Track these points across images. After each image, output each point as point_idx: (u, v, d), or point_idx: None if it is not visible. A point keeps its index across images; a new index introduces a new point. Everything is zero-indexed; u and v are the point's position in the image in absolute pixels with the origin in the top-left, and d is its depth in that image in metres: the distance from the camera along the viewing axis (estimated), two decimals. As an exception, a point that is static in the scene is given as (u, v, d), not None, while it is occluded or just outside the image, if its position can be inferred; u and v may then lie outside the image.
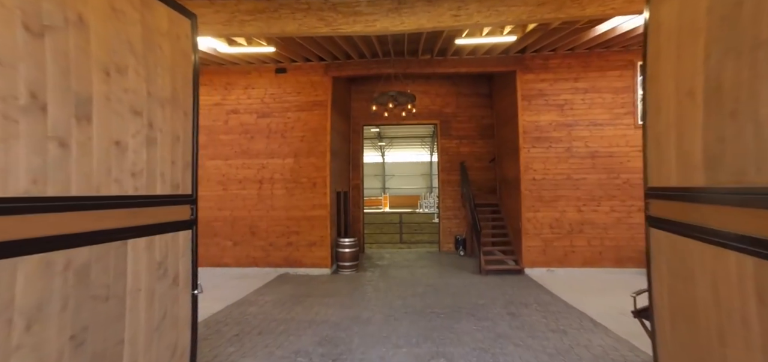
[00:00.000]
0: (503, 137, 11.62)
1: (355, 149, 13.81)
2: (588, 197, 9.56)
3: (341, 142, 12.13)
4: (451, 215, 13.53)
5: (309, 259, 10.19)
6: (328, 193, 10.18)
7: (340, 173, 11.76)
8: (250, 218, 10.20)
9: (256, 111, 10.30)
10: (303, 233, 10.20)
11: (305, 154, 10.26)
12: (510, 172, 10.85)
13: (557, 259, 9.65)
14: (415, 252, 13.73)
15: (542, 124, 9.80)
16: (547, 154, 9.79)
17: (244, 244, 10.17)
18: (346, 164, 13.22)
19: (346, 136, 12.97)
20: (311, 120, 10.28)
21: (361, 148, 13.86)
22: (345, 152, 12.80)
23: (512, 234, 10.66)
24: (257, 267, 10.15)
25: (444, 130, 13.63)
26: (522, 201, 9.80)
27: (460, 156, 13.51)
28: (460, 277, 9.64)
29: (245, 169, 10.26)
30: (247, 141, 10.28)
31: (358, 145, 13.81)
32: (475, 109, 13.52)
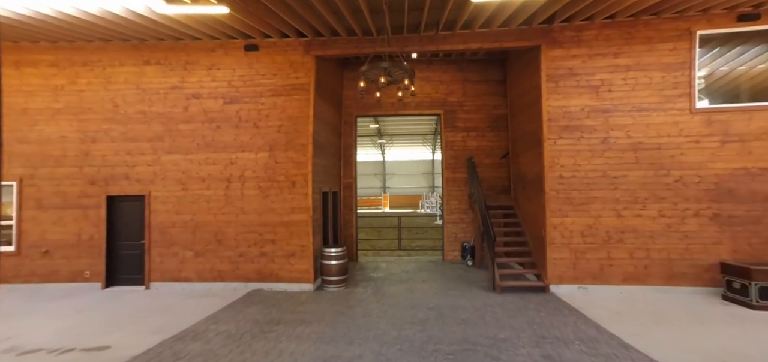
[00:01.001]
0: (520, 128, 9.66)
1: (347, 143, 11.88)
2: (629, 199, 7.61)
3: (330, 135, 10.21)
4: (456, 218, 11.59)
5: (287, 273, 8.27)
6: (310, 194, 8.26)
7: (327, 170, 9.85)
8: (216, 223, 8.29)
9: (223, 96, 8.37)
10: (280, 241, 8.29)
11: (283, 147, 8.34)
12: (529, 169, 8.91)
13: (591, 275, 7.70)
14: (415, 261, 11.80)
15: (572, 110, 7.84)
16: (577, 147, 7.84)
17: (208, 255, 8.25)
18: (337, 160, 11.29)
19: (336, 128, 11.04)
20: (290, 107, 8.35)
21: (353, 142, 11.92)
22: (335, 146, 10.88)
23: (532, 243, 8.72)
24: (224, 282, 8.24)
25: (448, 122, 11.68)
26: (546, 204, 7.86)
27: (468, 151, 11.57)
28: (470, 296, 7.71)
29: (210, 164, 8.34)
30: (212, 131, 8.36)
31: (350, 139, 11.88)
32: (485, 97, 11.57)
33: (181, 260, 8.21)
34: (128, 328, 6.11)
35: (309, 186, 8.27)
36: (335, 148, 10.97)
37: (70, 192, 8.27)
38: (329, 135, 10.13)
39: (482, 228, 9.35)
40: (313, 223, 8.31)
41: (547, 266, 7.84)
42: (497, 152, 11.48)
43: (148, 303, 7.41)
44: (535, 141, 8.43)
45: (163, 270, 8.16)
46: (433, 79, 11.75)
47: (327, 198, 9.91)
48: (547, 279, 7.83)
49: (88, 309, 7.04)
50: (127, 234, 8.29)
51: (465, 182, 11.56)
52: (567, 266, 7.79)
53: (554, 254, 7.82)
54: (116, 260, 8.29)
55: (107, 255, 8.19)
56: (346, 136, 11.85)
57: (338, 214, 11.29)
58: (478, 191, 9.76)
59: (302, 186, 8.30)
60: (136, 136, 8.34)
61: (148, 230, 8.19)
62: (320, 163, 9.11)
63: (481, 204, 9.30)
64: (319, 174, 8.97)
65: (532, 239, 8.75)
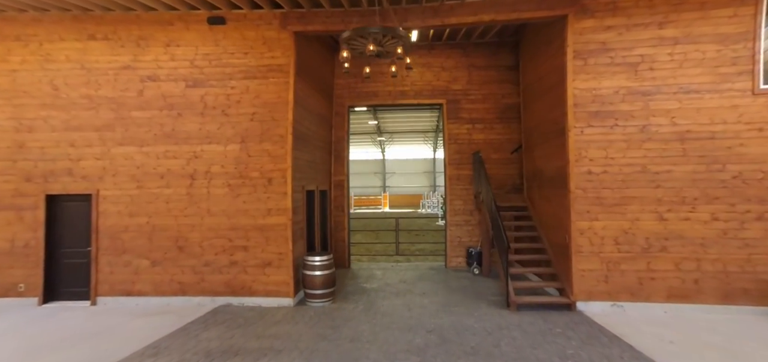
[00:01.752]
0: (537, 117, 8.20)
1: (338, 136, 10.46)
2: (675, 198, 6.17)
3: (317, 126, 8.79)
4: (461, 220, 10.16)
5: (261, 285, 6.86)
6: (290, 192, 6.84)
7: (313, 166, 8.43)
8: (177, 227, 6.87)
9: (184, 77, 6.94)
10: (253, 249, 6.87)
11: (257, 138, 6.92)
12: (548, 164, 7.48)
13: (627, 290, 6.27)
14: (414, 268, 10.37)
15: (604, 92, 6.41)
16: (610, 136, 6.40)
17: (167, 264, 6.83)
18: (326, 155, 9.87)
19: (325, 119, 9.63)
20: (265, 91, 6.93)
21: (346, 135, 10.50)
22: (323, 139, 9.46)
23: (552, 251, 7.29)
24: (186, 296, 6.82)
25: (452, 112, 10.25)
26: (571, 205, 6.43)
27: (473, 144, 10.14)
28: (479, 314, 6.29)
29: (170, 158, 6.92)
30: (173, 120, 6.94)
31: (342, 132, 10.46)
32: (493, 85, 10.14)
33: (134, 270, 6.79)
34: (43, 360, 4.72)
35: (288, 183, 6.86)
36: (324, 142, 9.55)
37: (1, 190, 6.86)
38: (316, 126, 8.71)
39: (491, 233, 7.92)
40: (293, 227, 6.90)
41: (572, 279, 6.41)
42: (507, 146, 10.04)
43: (87, 323, 5.99)
44: (556, 131, 7.00)
45: (113, 283, 6.75)
46: (435, 65, 10.33)
47: (312, 198, 8.49)
48: (572, 294, 6.41)
49: (10, 333, 5.64)
50: (71, 241, 6.87)
51: (470, 180, 10.13)
52: (597, 279, 6.36)
53: (581, 264, 6.39)
54: (57, 271, 6.86)
55: (46, 265, 6.75)
56: (337, 128, 10.43)
57: (328, 216, 9.87)
58: (487, 190, 8.33)
59: (280, 183, 6.88)
60: (81, 124, 6.91)
61: (95, 235, 6.77)
62: (304, 158, 7.70)
63: (491, 205, 7.87)
64: (302, 169, 7.56)
65: (552, 246, 7.31)
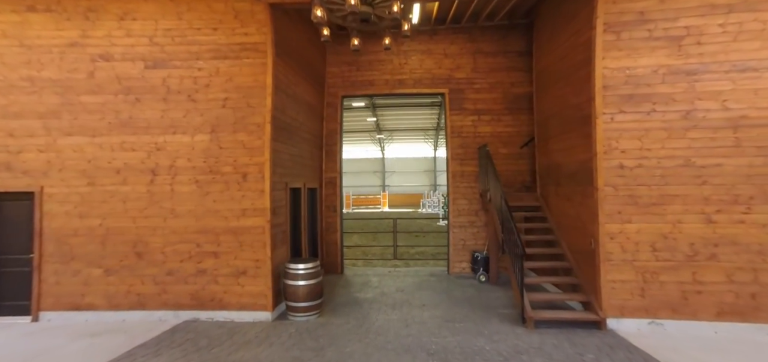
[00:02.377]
0: (555, 104, 7.11)
1: (331, 129, 9.40)
2: (726, 197, 5.10)
3: (304, 117, 7.73)
4: (465, 222, 9.10)
5: (234, 297, 5.80)
6: (268, 190, 5.78)
7: (299, 161, 7.37)
8: (136, 230, 5.81)
9: (143, 57, 5.86)
10: (225, 255, 5.81)
11: (229, 127, 5.86)
12: (568, 157, 6.40)
13: (668, 305, 5.20)
14: (414, 274, 9.30)
15: (641, 72, 5.32)
16: (646, 124, 5.33)
17: (123, 273, 5.77)
18: (316, 150, 8.81)
19: (314, 110, 8.57)
20: (238, 74, 5.86)
21: (339, 127, 9.44)
22: (312, 132, 8.41)
23: (574, 257, 6.22)
24: (146, 310, 5.76)
25: (455, 102, 9.19)
26: (599, 205, 5.37)
27: (479, 138, 9.07)
28: (489, 332, 5.23)
29: (127, 150, 5.86)
30: (130, 106, 5.86)
31: (335, 124, 9.40)
32: (502, 72, 9.07)
33: (84, 281, 5.73)
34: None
35: (266, 179, 5.80)
36: (314, 135, 8.49)
37: (-72, 187, 5.83)
38: (304, 117, 7.65)
39: (501, 236, 6.85)
40: (272, 230, 5.84)
41: (600, 291, 5.34)
42: (516, 139, 8.97)
43: (18, 345, 4.93)
44: (579, 119, 5.93)
45: (60, 295, 5.70)
46: (437, 52, 9.27)
47: (298, 197, 7.43)
48: (601, 309, 5.34)
49: None
50: (9, 246, 5.81)
51: (475, 177, 9.07)
52: (631, 292, 5.29)
53: (612, 275, 5.32)
54: (-6, 282, 5.84)
55: (-20, 275, 5.74)
56: (329, 120, 9.37)
57: (317, 217, 8.81)
58: (496, 187, 7.26)
59: (257, 179, 5.82)
60: (22, 111, 5.83)
61: (38, 240, 5.72)
62: (287, 151, 6.64)
63: (501, 205, 6.81)
64: (284, 164, 6.50)
65: (573, 252, 6.25)
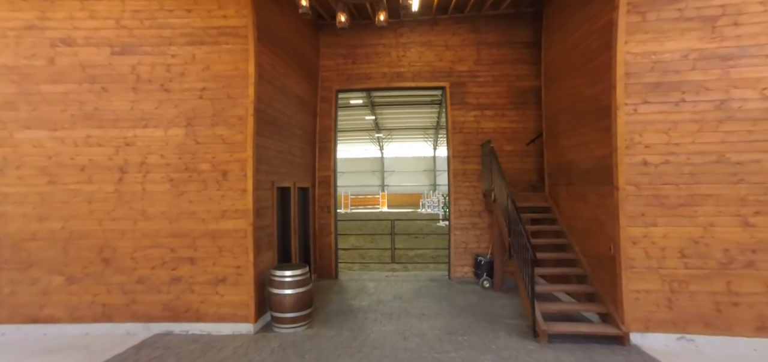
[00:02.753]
0: (567, 97, 6.48)
1: (324, 125, 8.79)
2: (766, 198, 4.51)
3: (296, 112, 7.12)
4: (467, 223, 8.49)
5: (212, 307, 5.17)
6: (251, 190, 5.17)
7: (289, 159, 6.75)
8: (103, 234, 5.18)
9: (109, 42, 5.21)
10: (202, 261, 5.19)
11: (207, 120, 5.23)
12: (583, 154, 5.79)
13: (700, 318, 4.59)
14: (413, 278, 8.69)
15: (669, 57, 4.71)
16: (674, 115, 4.72)
17: (88, 282, 5.14)
18: (309, 147, 8.20)
19: (307, 105, 7.96)
20: (217, 61, 5.23)
21: (333, 123, 8.83)
22: (305, 129, 7.79)
23: (588, 263, 5.61)
24: (112, 322, 5.13)
25: (457, 97, 8.59)
26: (619, 206, 4.76)
27: (482, 134, 8.47)
28: (498, 348, 4.61)
29: (93, 146, 5.22)
30: (96, 96, 5.22)
31: (329, 120, 8.79)
32: (506, 65, 8.46)
33: (43, 290, 5.09)
34: None
35: (249, 178, 5.18)
36: (305, 131, 7.87)
37: None
38: (294, 111, 7.04)
39: (508, 239, 6.24)
40: (256, 233, 5.23)
41: (622, 302, 4.73)
42: (522, 136, 8.37)
43: (-34, 370, 4.35)
44: (596, 111, 5.32)
45: (15, 306, 5.06)
46: (437, 43, 8.66)
47: (288, 197, 6.82)
48: (623, 322, 4.72)
49: None
50: (-39, 253, 5.22)
51: (478, 175, 8.47)
52: (657, 303, 4.68)
53: (635, 284, 4.71)
54: (-57, 293, 5.21)
55: (-72, 285, 5.11)
56: (323, 116, 8.77)
57: (309, 219, 8.19)
58: (502, 186, 6.65)
59: (238, 178, 5.21)
60: (-25, 100, 5.25)
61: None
62: (274, 147, 6.03)
63: (507, 205, 6.21)
64: (271, 161, 5.89)
65: (588, 257, 5.63)
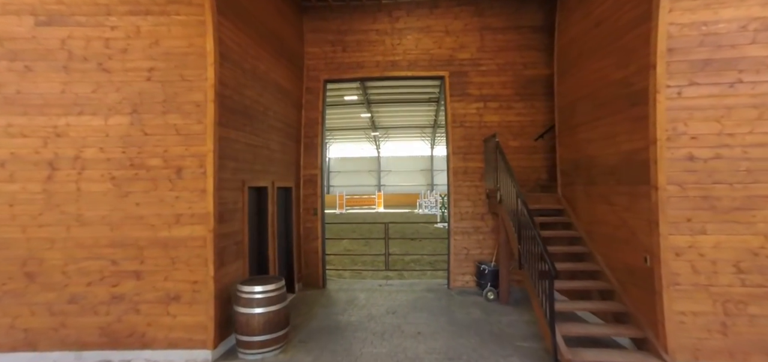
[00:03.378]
0: (586, 83, 5.51)
1: (311, 118, 7.85)
2: None
3: (274, 101, 6.19)
4: (468, 227, 7.58)
5: (162, 331, 4.22)
6: (212, 189, 4.23)
7: (264, 154, 5.80)
8: (26, 243, 4.21)
9: (33, 9, 4.22)
10: (151, 275, 4.24)
11: (157, 107, 4.26)
12: (607, 148, 4.85)
13: (764, 348, 3.71)
14: (409, 288, 7.76)
15: (724, 28, 3.78)
16: (729, 100, 3.81)
17: (6, 301, 4.13)
18: (292, 142, 7.26)
19: (288, 95, 7.02)
20: (167, 35, 4.26)
21: (320, 117, 7.88)
22: (286, 121, 6.85)
23: (615, 277, 4.69)
24: (37, 351, 4.15)
25: (457, 87, 7.68)
26: (660, 210, 3.84)
27: (485, 128, 7.57)
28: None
29: (14, 137, 4.23)
30: (17, 77, 4.23)
31: (315, 113, 7.85)
32: (513, 51, 7.55)
33: (-46, 316, 4.17)
34: None
35: (210, 176, 4.24)
36: (287, 124, 6.94)
37: None
38: (272, 100, 6.10)
39: (519, 247, 5.33)
40: (218, 241, 4.29)
41: (663, 325, 3.82)
42: (530, 130, 7.47)
43: None
44: (624, 97, 4.40)
45: None
46: (437, 29, 7.75)
47: (264, 198, 5.88)
48: (666, 351, 3.80)
49: None
50: None
51: (481, 174, 7.56)
52: (708, 328, 3.77)
53: (680, 304, 3.80)
54: None
55: None
56: (309, 108, 7.83)
57: (293, 222, 7.25)
58: (509, 186, 5.73)
59: (196, 176, 4.26)
60: None
61: None
62: (244, 141, 5.08)
63: (517, 207, 5.29)
64: (240, 157, 4.95)
65: (614, 270, 4.72)
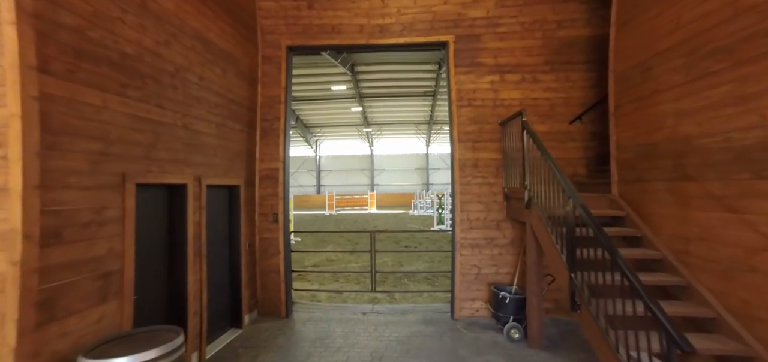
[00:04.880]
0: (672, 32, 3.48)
1: (270, 97, 5.77)
2: None
3: (204, 63, 4.14)
4: (480, 238, 5.56)
5: None
6: (19, 187, 2.19)
7: (177, 135, 3.71)
8: None
9: None
10: None
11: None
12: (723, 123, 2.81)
13: None
14: (401, 319, 5.71)
15: None
16: None
17: None
18: (241, 126, 5.18)
19: (236, 64, 4.97)
20: None
21: (284, 95, 5.81)
22: (231, 97, 4.79)
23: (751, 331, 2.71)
24: None
25: (465, 55, 5.66)
26: None
27: (501, 107, 5.57)
28: None
29: None
30: None
31: (277, 89, 5.77)
32: (543, 6, 5.51)
33: None
34: None
35: (13, 164, 2.19)
36: (231, 100, 4.86)
37: None
38: (195, 60, 4.03)
39: (571, 276, 3.32)
40: (32, 278, 2.23)
41: None
42: (562, 111, 5.48)
43: None
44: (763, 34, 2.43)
45: None
46: (437, -20, 5.73)
47: (180, 202, 3.82)
48: None
49: None
50: None
51: (497, 168, 5.55)
52: None
53: None
54: None
55: None
56: (268, 84, 5.76)
57: (240, 233, 5.16)
58: (557, 178, 3.72)
59: (-7, 160, 2.22)
60: None
61: None
62: (121, 111, 2.99)
63: (571, 213, 3.28)
64: (112, 137, 2.86)
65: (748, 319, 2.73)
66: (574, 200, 3.19)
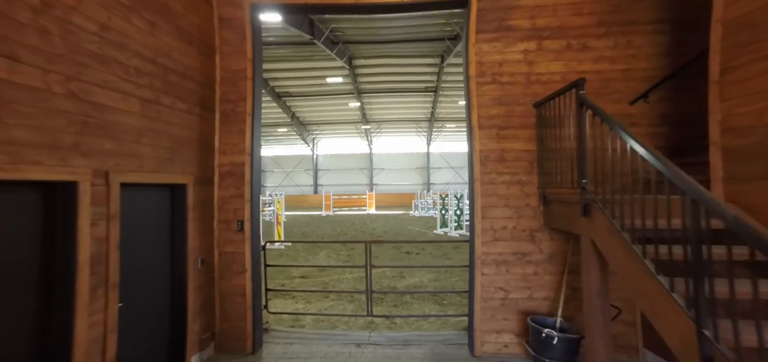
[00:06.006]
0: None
1: (232, 72, 4.37)
2: None
3: (126, 17, 2.78)
4: (507, 252, 4.18)
5: None
6: None
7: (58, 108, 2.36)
8: None
9: None
10: None
11: None
12: None
13: None
14: (404, 353, 4.30)
15: None
16: None
17: None
18: (195, 108, 3.80)
19: (179, 22, 3.58)
20: None
21: (251, 69, 4.41)
22: (171, 67, 3.41)
23: None
24: None
25: (489, 17, 4.28)
26: None
27: (536, 84, 4.18)
28: None
29: None
30: None
31: (241, 62, 4.37)
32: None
33: None
34: None
35: None
36: (168, 68, 3.46)
37: None
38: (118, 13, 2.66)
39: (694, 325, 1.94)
40: None
41: None
42: (619, 87, 4.09)
43: None
44: None
45: None
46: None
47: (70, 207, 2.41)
48: None
49: None
50: None
51: (531, 163, 4.17)
52: None
53: None
54: None
55: None
56: (229, 54, 4.35)
57: (186, 247, 3.74)
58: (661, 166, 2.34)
59: None
60: None
61: None
62: None
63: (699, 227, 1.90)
64: None
65: None
66: (710, 206, 1.81)
